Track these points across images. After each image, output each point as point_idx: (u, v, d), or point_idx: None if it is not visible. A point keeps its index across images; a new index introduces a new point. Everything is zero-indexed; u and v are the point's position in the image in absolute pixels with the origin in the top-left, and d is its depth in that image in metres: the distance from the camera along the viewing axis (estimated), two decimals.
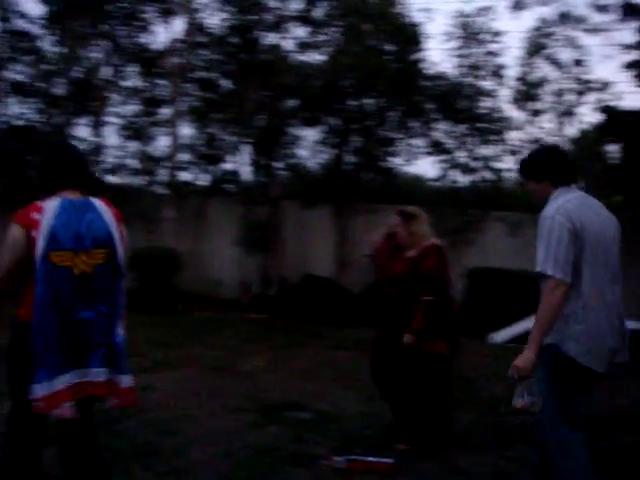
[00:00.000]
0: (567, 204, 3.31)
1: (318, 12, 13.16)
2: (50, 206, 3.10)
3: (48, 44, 14.30)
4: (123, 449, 4.67)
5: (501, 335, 10.32)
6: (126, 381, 3.29)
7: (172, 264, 12.23)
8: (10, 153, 14.04)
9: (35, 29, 14.08)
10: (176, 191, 13.71)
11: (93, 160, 14.43)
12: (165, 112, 14.98)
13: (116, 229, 3.27)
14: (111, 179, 14.68)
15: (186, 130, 14.72)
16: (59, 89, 14.51)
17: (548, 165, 3.49)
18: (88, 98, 14.40)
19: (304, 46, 13.29)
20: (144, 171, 14.26)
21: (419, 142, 13.83)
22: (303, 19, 13.15)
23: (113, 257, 3.22)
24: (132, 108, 15.07)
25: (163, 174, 14.61)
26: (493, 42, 13.97)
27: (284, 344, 9.21)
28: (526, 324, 8.58)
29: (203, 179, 14.90)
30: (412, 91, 12.54)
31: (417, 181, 16.43)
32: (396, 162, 13.94)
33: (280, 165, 14.22)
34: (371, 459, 4.59)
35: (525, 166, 3.63)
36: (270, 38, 13.50)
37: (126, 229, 3.38)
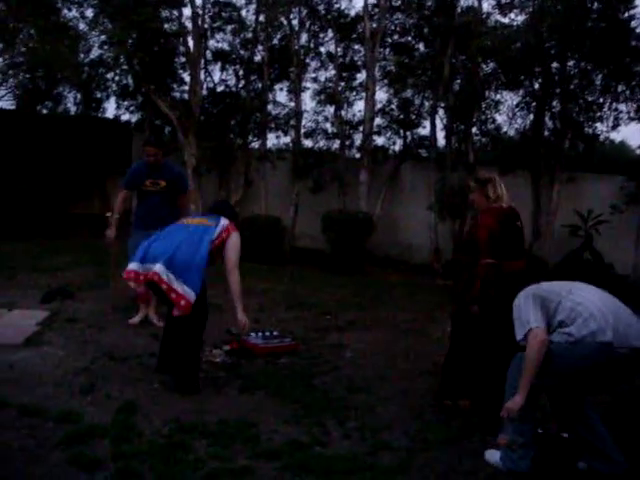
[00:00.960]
0: None
1: None
2: None
3: (249, 13, 14.93)
4: (318, 403, 4.90)
5: None
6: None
7: (365, 227, 12.42)
8: (212, 118, 14.87)
9: None
10: (370, 155, 13.87)
11: (290, 124, 14.95)
12: (360, 77, 15.16)
13: None
14: (307, 143, 15.13)
15: (381, 95, 14.81)
16: (258, 56, 15.11)
17: None
18: (286, 64, 14.87)
19: (503, 7, 12.81)
20: (339, 135, 14.54)
21: (626, 107, 12.96)
22: None
23: None
24: (328, 73, 15.39)
25: (358, 138, 14.83)
26: None
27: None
28: None
29: (397, 144, 14.96)
30: (621, 52, 11.73)
31: (622, 149, 15.45)
32: (600, 128, 13.17)
33: (476, 130, 13.95)
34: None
35: None
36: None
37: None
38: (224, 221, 5.27)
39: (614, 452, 3.97)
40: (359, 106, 15.26)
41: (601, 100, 12.75)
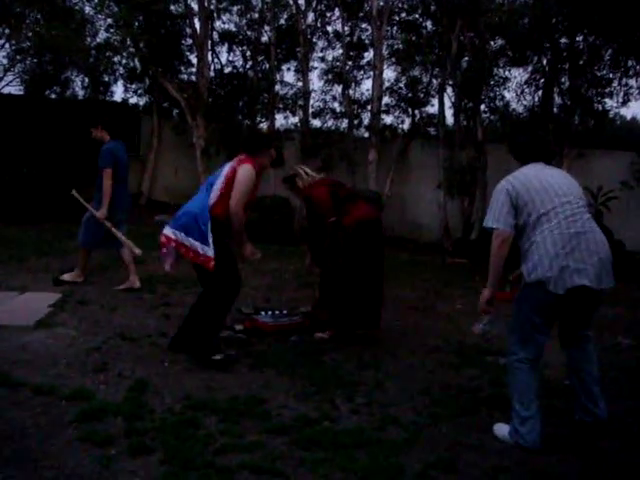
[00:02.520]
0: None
1: None
2: None
3: None
4: (327, 379, 4.95)
5: None
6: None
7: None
8: (220, 99, 14.87)
9: None
10: (379, 134, 13.85)
11: (298, 104, 14.94)
12: (368, 56, 15.11)
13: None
14: (316, 123, 15.11)
15: (389, 73, 14.77)
16: (265, 36, 15.08)
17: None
18: (293, 44, 14.83)
19: None
20: (348, 115, 14.52)
21: (636, 82, 12.85)
22: None
23: None
24: (336, 52, 15.35)
25: (366, 118, 14.81)
26: None
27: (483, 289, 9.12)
28: None
29: (406, 122, 14.93)
30: (630, 26, 11.62)
31: (633, 125, 15.34)
32: (610, 104, 13.07)
33: (485, 107, 13.89)
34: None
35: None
36: None
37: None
38: (234, 161, 5.24)
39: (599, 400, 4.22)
40: (367, 85, 15.33)
41: (611, 75, 12.66)
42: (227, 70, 15.52)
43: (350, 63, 15.04)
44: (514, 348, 4.11)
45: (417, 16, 14.53)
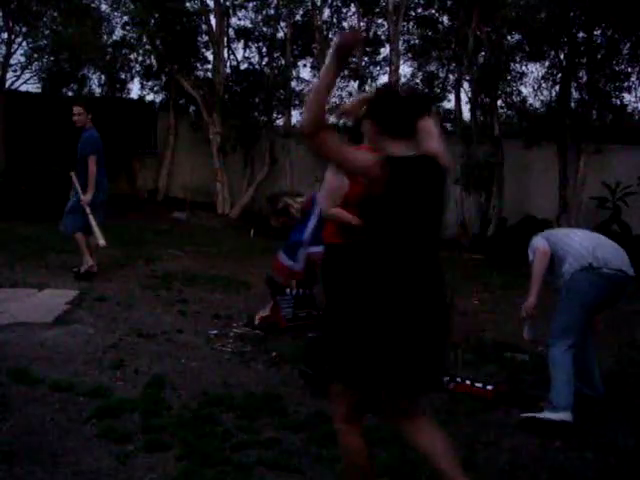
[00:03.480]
0: None
1: None
2: None
3: None
4: None
5: None
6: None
7: None
8: (236, 96, 14.87)
9: None
10: None
11: None
12: (384, 51, 15.06)
13: None
14: (332, 119, 15.06)
15: (405, 69, 14.73)
16: (281, 33, 15.06)
17: None
18: (309, 40, 14.80)
19: None
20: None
21: None
22: None
23: None
24: None
25: None
26: None
27: (502, 285, 9.09)
28: None
29: None
30: None
31: None
32: (628, 98, 12.95)
33: (501, 103, 13.81)
34: (477, 385, 4.78)
35: None
36: None
37: None
38: None
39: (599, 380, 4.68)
40: (383, 81, 15.19)
41: (629, 69, 12.54)
42: (243, 67, 15.52)
43: (366, 59, 15.00)
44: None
45: (433, 11, 14.45)
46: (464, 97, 13.88)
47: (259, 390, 4.54)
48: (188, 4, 14.75)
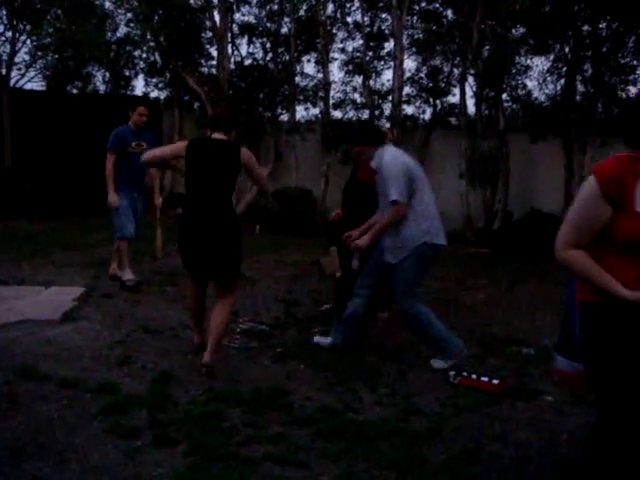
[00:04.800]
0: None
1: None
2: None
3: None
4: (350, 370, 4.96)
5: None
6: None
7: None
8: (241, 92, 14.88)
9: None
10: (400, 125, 13.80)
11: (319, 96, 14.90)
12: (388, 46, 15.04)
13: None
14: (336, 114, 15.08)
15: (410, 63, 14.71)
16: (285, 28, 15.05)
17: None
18: (313, 35, 14.79)
19: None
20: (368, 105, 14.47)
21: None
22: None
23: None
24: (356, 43, 15.30)
25: (387, 108, 14.75)
26: None
27: (507, 279, 9.09)
28: None
29: (427, 112, 14.86)
30: None
31: None
32: (633, 91, 12.90)
33: (506, 96, 13.79)
34: (483, 379, 4.75)
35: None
36: None
37: None
38: None
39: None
40: (388, 75, 15.30)
41: (634, 62, 12.48)
42: (247, 62, 15.53)
43: (370, 54, 14.99)
44: None
45: (437, 5, 14.45)
46: (469, 91, 13.91)
47: (265, 385, 4.55)
48: (192, 0, 14.76)
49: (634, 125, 2.65)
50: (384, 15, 14.94)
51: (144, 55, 15.40)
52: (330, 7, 14.79)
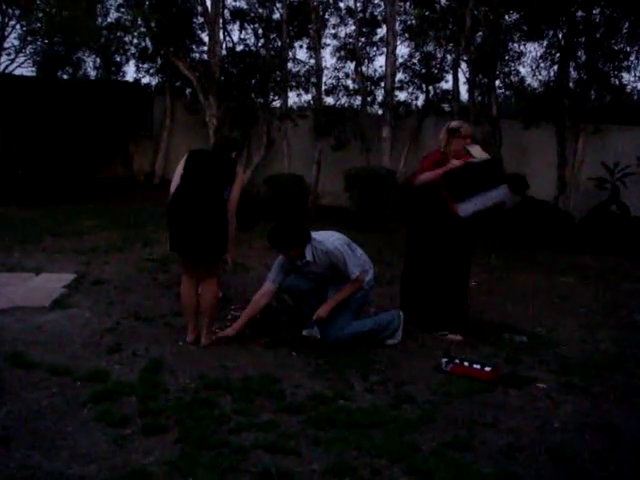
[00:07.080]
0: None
1: None
2: None
3: None
4: (341, 358, 4.95)
5: None
6: None
7: (388, 184, 12.32)
8: (233, 78, 14.78)
9: None
10: (393, 111, 13.74)
11: (311, 82, 14.83)
12: (381, 32, 14.95)
13: None
14: (329, 100, 15.01)
15: (402, 49, 14.64)
16: (277, 14, 14.95)
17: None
18: (305, 21, 14.69)
19: None
20: (361, 92, 14.41)
21: None
22: None
23: None
24: (348, 29, 15.21)
25: (380, 94, 14.69)
26: None
27: (500, 266, 9.08)
28: None
29: (420, 99, 14.81)
30: None
31: None
32: (627, 78, 12.90)
33: (499, 83, 13.75)
34: (475, 366, 4.75)
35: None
36: None
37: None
38: None
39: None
40: (380, 61, 15.24)
41: (628, 49, 12.46)
42: (239, 48, 15.42)
43: (363, 39, 14.90)
44: None
45: None
46: (462, 77, 13.89)
47: (256, 373, 4.53)
48: None
49: None
50: (377, 1, 14.85)
51: (135, 41, 15.26)
52: None
